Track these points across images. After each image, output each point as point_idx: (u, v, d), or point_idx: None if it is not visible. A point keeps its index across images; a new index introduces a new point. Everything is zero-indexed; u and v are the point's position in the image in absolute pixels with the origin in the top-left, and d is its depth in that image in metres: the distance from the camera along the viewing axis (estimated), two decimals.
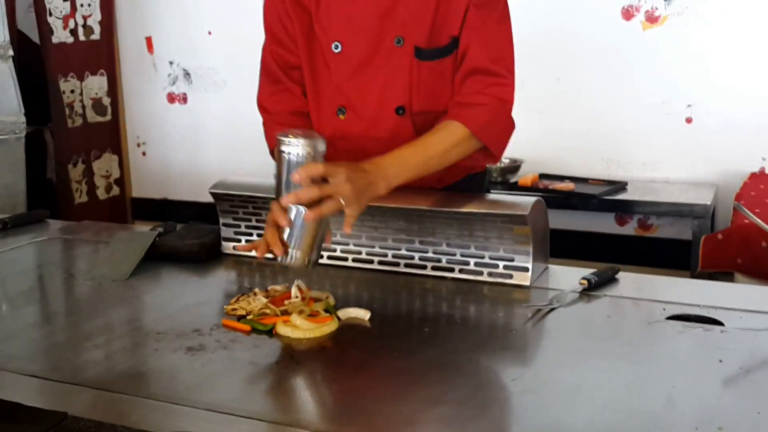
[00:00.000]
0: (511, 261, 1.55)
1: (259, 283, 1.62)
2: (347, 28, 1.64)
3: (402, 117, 1.67)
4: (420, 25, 1.62)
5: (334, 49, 1.65)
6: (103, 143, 4.24)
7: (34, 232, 2.03)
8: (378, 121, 1.68)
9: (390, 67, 1.65)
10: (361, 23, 1.63)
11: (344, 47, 1.65)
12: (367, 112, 1.68)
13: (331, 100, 1.71)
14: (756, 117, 3.14)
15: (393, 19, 1.62)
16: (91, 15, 4.10)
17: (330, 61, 1.67)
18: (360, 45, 1.64)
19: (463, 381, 1.15)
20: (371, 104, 1.67)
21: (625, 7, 3.27)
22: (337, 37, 1.65)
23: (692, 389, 1.11)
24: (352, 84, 1.67)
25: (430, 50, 1.64)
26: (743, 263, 2.37)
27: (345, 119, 1.69)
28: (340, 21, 1.65)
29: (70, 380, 1.17)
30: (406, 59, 1.64)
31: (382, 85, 1.66)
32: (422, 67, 1.65)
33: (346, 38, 1.65)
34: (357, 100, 1.68)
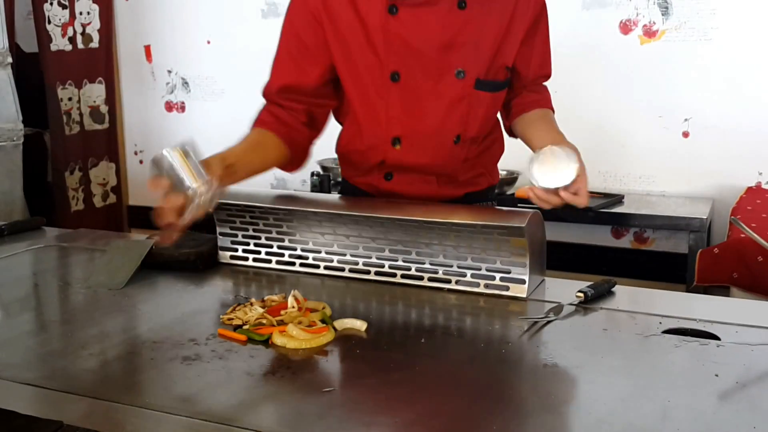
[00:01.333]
0: (508, 273, 1.55)
1: (256, 292, 1.61)
2: (407, 58, 1.61)
3: (457, 145, 1.69)
4: (481, 57, 1.63)
5: (392, 79, 1.62)
6: (100, 151, 4.24)
7: (30, 239, 2.02)
8: (435, 151, 1.68)
9: (450, 98, 1.64)
10: (422, 54, 1.60)
11: (403, 78, 1.61)
12: (425, 142, 1.67)
13: (385, 129, 1.68)
14: (753, 131, 3.15)
15: (454, 51, 1.61)
16: (90, 23, 4.11)
17: (385, 91, 1.63)
18: (420, 76, 1.62)
19: (459, 393, 1.15)
20: (430, 134, 1.66)
21: (623, 21, 3.29)
22: (395, 67, 1.61)
23: (688, 403, 1.11)
24: (411, 114, 1.64)
25: (491, 83, 1.66)
26: (739, 277, 2.38)
27: (401, 149, 1.68)
28: (399, 50, 1.60)
29: (65, 389, 1.17)
30: (466, 90, 1.63)
31: (443, 116, 1.65)
32: (481, 98, 1.66)
33: (406, 69, 1.61)
34: (415, 130, 1.66)
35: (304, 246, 1.72)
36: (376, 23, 1.59)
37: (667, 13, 3.21)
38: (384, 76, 1.62)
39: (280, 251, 1.75)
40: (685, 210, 3.04)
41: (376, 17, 1.58)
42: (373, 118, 1.68)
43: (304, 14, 1.65)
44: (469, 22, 1.60)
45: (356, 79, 1.66)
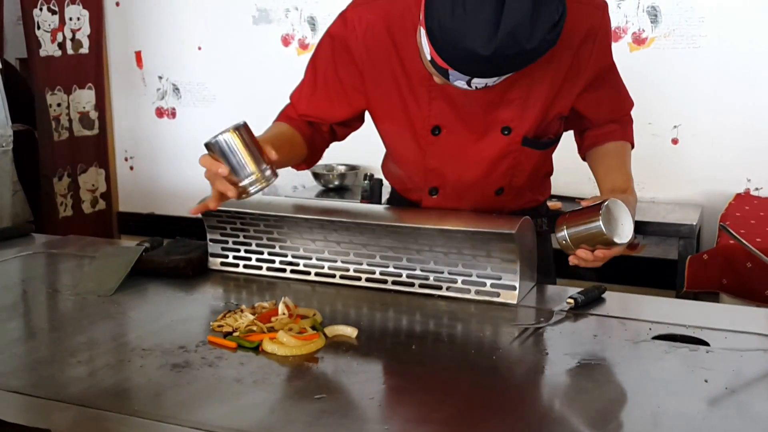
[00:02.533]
0: (499, 279, 1.55)
1: (246, 299, 1.61)
2: (449, 113, 1.54)
3: (500, 196, 1.66)
4: (529, 115, 1.54)
5: (432, 132, 1.56)
6: (89, 157, 4.22)
7: (18, 246, 2.01)
8: (476, 200, 1.65)
9: (494, 154, 1.57)
10: (466, 110, 1.53)
11: (445, 132, 1.56)
12: (464, 193, 1.64)
13: (423, 179, 1.66)
14: (741, 138, 3.17)
15: (501, 108, 1.52)
16: (80, 29, 4.10)
17: (426, 143, 1.58)
18: (464, 132, 1.55)
19: (449, 400, 1.15)
20: (470, 187, 1.63)
21: (613, 29, 3.30)
22: (437, 121, 1.55)
23: (677, 409, 1.11)
24: (450, 168, 1.60)
25: (540, 141, 1.59)
26: (728, 283, 2.39)
27: (438, 198, 1.67)
28: (441, 104, 1.53)
29: (53, 397, 1.16)
30: (512, 147, 1.57)
31: (485, 171, 1.60)
32: (528, 154, 1.59)
33: (448, 124, 1.55)
34: (454, 182, 1.63)
35: (294, 252, 1.72)
36: (420, 75, 1.50)
37: (656, 20, 3.23)
38: (425, 129, 1.57)
39: (270, 258, 1.74)
40: (675, 216, 3.04)
41: (421, 69, 1.45)
42: (411, 167, 1.66)
43: (346, 54, 1.57)
44: (518, 79, 1.46)
45: (395, 128, 1.62)
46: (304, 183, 3.84)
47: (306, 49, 3.79)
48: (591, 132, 1.70)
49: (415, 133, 1.58)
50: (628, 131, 1.75)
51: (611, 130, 1.70)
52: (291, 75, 4.29)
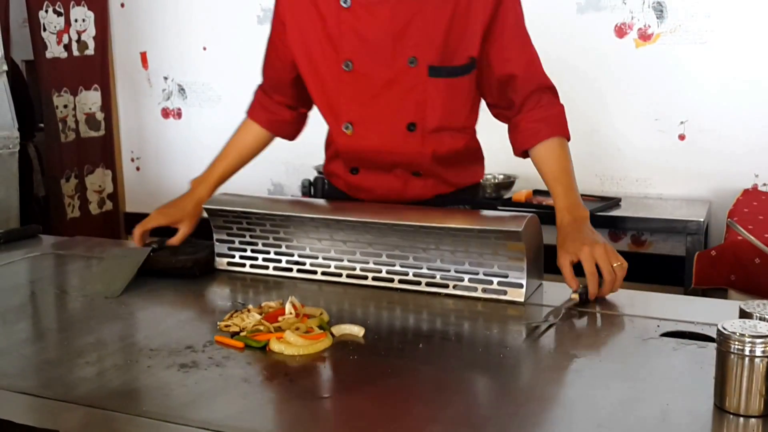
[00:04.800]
0: (506, 277, 1.55)
1: (253, 299, 1.61)
2: (359, 48, 1.66)
3: (412, 133, 1.69)
4: (433, 44, 1.65)
5: (344, 67, 1.67)
6: (96, 158, 4.24)
7: (26, 247, 2.02)
8: (387, 137, 1.70)
9: (403, 86, 1.66)
10: (373, 43, 1.65)
11: (355, 66, 1.66)
12: (377, 128, 1.70)
13: (337, 115, 1.74)
14: (749, 134, 3.15)
15: (406, 39, 1.64)
16: (85, 30, 4.11)
17: (339, 79, 1.68)
18: (372, 65, 1.66)
19: (457, 398, 1.15)
20: (382, 121, 1.69)
21: (618, 25, 3.29)
22: (348, 56, 1.66)
23: (686, 406, 1.10)
24: (363, 101, 1.68)
25: (445, 68, 1.67)
26: (737, 280, 2.38)
27: (352, 134, 1.72)
28: (352, 40, 1.66)
29: (61, 398, 1.16)
30: (419, 78, 1.66)
31: (395, 103, 1.68)
32: (436, 85, 1.67)
33: (358, 57, 1.66)
34: (367, 116, 1.70)
35: (301, 252, 1.72)
36: (332, 16, 1.68)
37: (662, 16, 3.22)
38: (338, 65, 1.68)
39: (277, 257, 1.74)
40: (682, 212, 3.04)
41: (332, 11, 1.67)
42: (328, 106, 1.76)
43: (276, 16, 1.81)
44: (420, 11, 1.63)
45: (314, 70, 1.75)
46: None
47: None
48: (521, 123, 1.74)
49: (330, 71, 1.71)
50: (556, 125, 1.73)
51: (537, 129, 1.72)
52: None
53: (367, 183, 1.79)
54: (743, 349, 1.05)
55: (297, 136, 2.00)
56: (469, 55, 1.68)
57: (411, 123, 1.69)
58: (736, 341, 1.06)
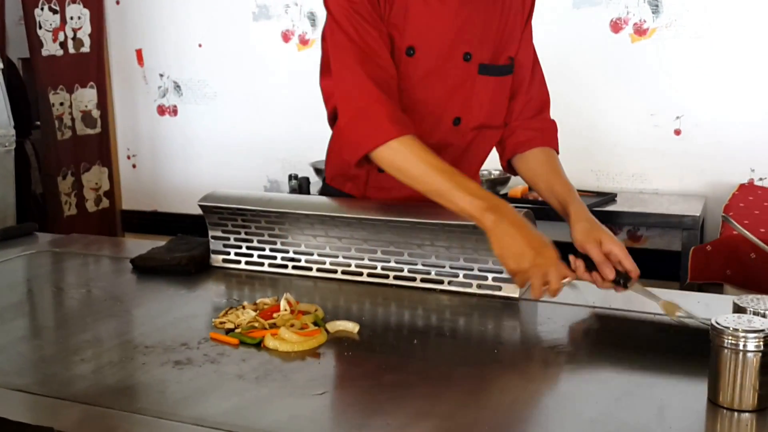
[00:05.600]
0: (501, 273, 1.55)
1: (248, 296, 1.61)
2: (424, 36, 1.64)
3: (457, 127, 1.70)
4: (485, 42, 1.67)
5: (407, 53, 1.65)
6: (92, 156, 4.23)
7: (22, 245, 2.02)
8: (433, 129, 1.68)
9: (455, 80, 1.67)
10: (437, 34, 1.64)
11: (417, 53, 1.65)
12: (424, 119, 1.67)
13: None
14: (744, 128, 3.16)
15: (465, 34, 1.64)
16: (81, 28, 4.10)
17: (399, 63, 1.65)
18: (433, 54, 1.65)
19: (451, 394, 1.15)
20: (431, 112, 1.68)
21: (614, 19, 3.29)
22: (412, 41, 1.64)
23: (680, 401, 1.11)
24: (416, 90, 1.67)
25: (494, 67, 1.69)
26: (732, 274, 2.38)
27: None
28: (418, 27, 1.64)
29: (57, 395, 1.17)
30: (470, 74, 1.67)
31: (445, 96, 1.67)
32: (485, 83, 1.68)
33: (421, 45, 1.64)
34: (418, 105, 1.67)
35: (296, 248, 1.72)
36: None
37: (657, 11, 3.22)
38: (400, 49, 1.64)
39: (272, 254, 1.74)
40: (678, 208, 3.04)
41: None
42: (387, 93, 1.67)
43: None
44: (477, 8, 1.64)
45: None
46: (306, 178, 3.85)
47: (306, 45, 3.79)
48: (514, 135, 1.76)
49: (394, 54, 1.63)
50: (552, 138, 1.78)
51: (532, 136, 1.75)
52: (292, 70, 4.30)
53: (391, 181, 1.66)
54: (737, 343, 1.06)
55: None
56: (509, 55, 1.72)
57: (457, 117, 1.69)
58: (729, 336, 1.06)
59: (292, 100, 3.84)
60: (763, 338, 1.05)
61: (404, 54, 1.64)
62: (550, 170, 1.71)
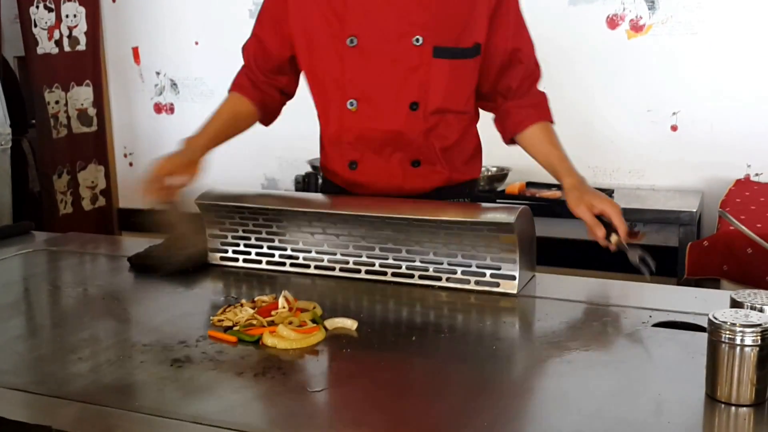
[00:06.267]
0: (498, 269, 1.55)
1: (246, 293, 1.61)
2: (365, 23, 1.65)
3: (415, 113, 1.69)
4: (440, 25, 1.65)
5: (348, 42, 1.65)
6: (88, 154, 4.22)
7: (19, 243, 2.01)
8: (390, 115, 1.69)
9: (407, 64, 1.66)
10: (379, 20, 1.64)
11: (360, 41, 1.65)
12: (380, 106, 1.69)
13: (341, 92, 1.71)
14: (741, 124, 3.16)
15: (411, 18, 1.64)
16: (76, 26, 4.09)
17: (342, 53, 1.66)
18: (377, 41, 1.65)
19: (449, 390, 1.15)
20: (385, 98, 1.68)
21: (610, 16, 3.29)
22: (353, 31, 1.65)
23: (679, 397, 1.11)
24: (367, 77, 1.67)
25: (450, 50, 1.67)
26: (729, 270, 2.38)
27: (356, 111, 1.70)
28: (357, 15, 1.65)
29: (55, 393, 1.16)
30: (424, 58, 1.66)
31: (398, 81, 1.67)
32: (440, 66, 1.67)
33: (363, 33, 1.65)
34: (371, 93, 1.68)
35: (294, 246, 1.72)
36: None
37: (653, 7, 3.22)
38: (341, 41, 1.66)
39: (270, 251, 1.74)
40: (675, 203, 3.04)
41: None
42: (332, 83, 1.72)
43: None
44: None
45: (316, 46, 1.72)
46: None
47: None
48: (509, 115, 1.78)
49: (334, 45, 1.68)
50: (545, 110, 1.81)
51: (528, 114, 1.77)
52: None
53: (366, 177, 1.76)
54: (734, 338, 1.06)
55: (271, 123, 1.94)
56: (474, 40, 1.69)
57: (414, 102, 1.68)
58: (727, 331, 1.06)
59: None
60: (760, 333, 1.05)
61: (346, 44, 1.66)
62: (546, 145, 1.76)
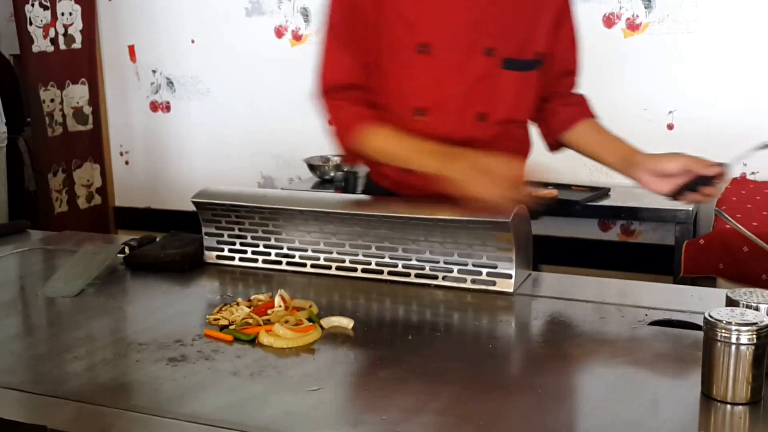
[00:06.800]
0: (495, 268, 1.55)
1: (242, 292, 1.61)
2: (437, 32, 1.61)
3: (482, 123, 1.67)
4: (510, 37, 1.64)
5: (419, 50, 1.62)
6: (84, 152, 4.21)
7: (14, 242, 2.01)
8: (458, 126, 1.67)
9: (476, 75, 1.64)
10: (452, 28, 1.61)
11: (432, 50, 1.62)
12: (447, 115, 1.66)
13: (408, 99, 1.67)
14: (737, 123, 3.16)
15: (483, 28, 1.61)
16: (72, 24, 4.08)
17: (411, 61, 1.63)
18: (449, 50, 1.62)
19: (446, 389, 1.15)
20: (452, 107, 1.66)
21: (607, 14, 3.29)
22: (424, 38, 1.61)
23: (675, 395, 1.11)
24: (436, 87, 1.64)
25: (518, 62, 1.66)
26: (725, 268, 2.39)
27: (425, 120, 1.66)
28: (430, 23, 1.61)
29: (50, 393, 1.16)
30: (493, 69, 1.64)
31: (467, 91, 1.65)
32: (509, 78, 1.66)
33: (435, 41, 1.61)
34: (440, 103, 1.65)
35: (290, 244, 1.72)
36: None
37: (650, 6, 3.22)
38: (410, 47, 1.62)
39: (266, 250, 1.74)
40: (671, 202, 3.04)
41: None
42: (395, 88, 1.68)
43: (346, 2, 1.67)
44: (500, 1, 1.62)
45: (385, 50, 1.66)
46: (300, 175, 3.84)
47: (299, 40, 3.78)
48: (557, 114, 1.80)
49: (401, 50, 1.64)
50: (588, 108, 1.85)
51: (575, 113, 1.80)
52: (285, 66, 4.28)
53: (419, 179, 1.66)
54: (730, 336, 1.06)
55: None
56: (536, 50, 1.69)
57: (481, 113, 1.66)
58: (722, 329, 1.07)
59: (285, 96, 3.83)
60: (755, 331, 1.05)
61: (415, 51, 1.61)
62: (604, 137, 1.78)
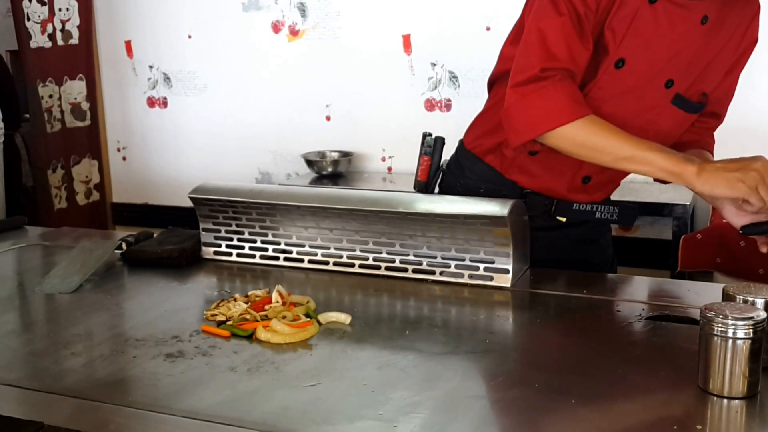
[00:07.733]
0: (492, 263, 1.55)
1: (240, 288, 1.61)
2: (640, 52, 1.53)
3: None
4: (689, 73, 1.59)
5: (616, 64, 1.54)
6: (82, 148, 4.21)
7: (12, 238, 2.01)
8: None
9: (648, 103, 1.59)
10: (653, 54, 1.54)
11: (626, 67, 1.54)
12: None
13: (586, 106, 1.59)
14: (735, 117, 3.15)
15: (676, 61, 1.56)
16: (69, 19, 4.07)
17: (602, 73, 1.55)
18: (639, 73, 1.55)
19: (443, 384, 1.15)
20: (615, 124, 1.57)
21: None
22: (625, 54, 1.53)
23: (671, 389, 1.11)
24: (609, 103, 1.57)
25: (687, 102, 1.62)
26: (722, 262, 2.39)
27: None
28: (638, 42, 1.52)
29: (48, 389, 1.16)
30: (665, 101, 1.59)
31: (632, 116, 1.58)
32: (673, 113, 1.62)
33: (633, 61, 1.53)
34: (605, 117, 1.55)
35: (287, 240, 1.72)
36: (629, 6, 1.50)
37: None
38: (610, 59, 1.54)
39: (263, 246, 1.74)
40: (669, 196, 3.05)
41: (634, 2, 1.50)
42: None
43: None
44: (699, 38, 1.55)
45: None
46: (297, 170, 3.84)
47: (296, 36, 3.77)
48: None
49: (596, 59, 1.54)
50: (710, 144, 1.87)
51: (694, 140, 1.78)
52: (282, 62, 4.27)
53: (539, 167, 1.66)
54: (726, 331, 1.06)
55: None
56: (704, 90, 1.64)
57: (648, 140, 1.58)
58: (719, 323, 1.07)
59: (282, 92, 3.82)
60: (752, 326, 1.05)
61: (613, 65, 1.54)
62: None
